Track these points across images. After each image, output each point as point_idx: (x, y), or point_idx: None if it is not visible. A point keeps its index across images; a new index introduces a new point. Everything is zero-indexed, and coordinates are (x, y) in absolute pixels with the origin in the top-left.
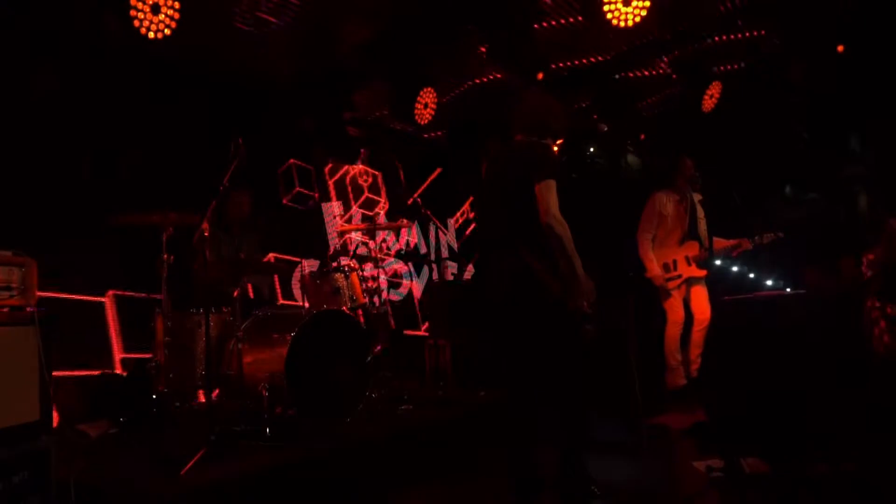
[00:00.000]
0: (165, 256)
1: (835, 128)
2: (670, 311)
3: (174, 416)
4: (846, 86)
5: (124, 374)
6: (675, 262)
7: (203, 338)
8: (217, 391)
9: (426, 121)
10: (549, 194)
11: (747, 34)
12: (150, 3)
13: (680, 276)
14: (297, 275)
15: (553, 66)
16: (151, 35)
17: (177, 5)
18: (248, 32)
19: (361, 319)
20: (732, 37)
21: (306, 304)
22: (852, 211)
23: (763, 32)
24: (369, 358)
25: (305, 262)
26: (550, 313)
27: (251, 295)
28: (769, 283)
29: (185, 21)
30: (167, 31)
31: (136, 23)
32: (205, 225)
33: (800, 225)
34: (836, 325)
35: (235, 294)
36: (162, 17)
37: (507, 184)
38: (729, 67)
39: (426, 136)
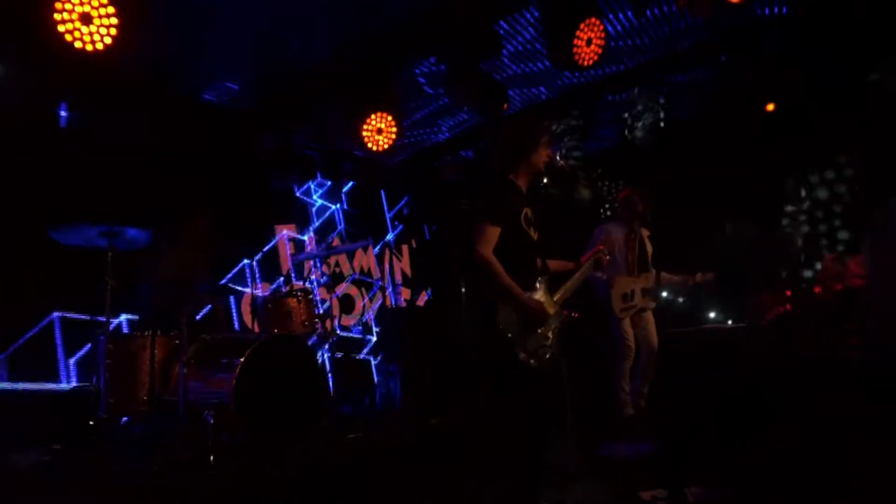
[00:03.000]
0: (109, 278)
1: (774, 168)
2: (621, 341)
3: (114, 442)
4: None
5: (65, 396)
6: (632, 292)
7: (147, 361)
8: (160, 417)
9: (383, 147)
10: (477, 235)
11: None
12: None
13: (635, 307)
14: (247, 298)
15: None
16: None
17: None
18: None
19: (314, 345)
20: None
21: (257, 329)
22: (789, 247)
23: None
24: (320, 383)
25: (256, 286)
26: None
27: (205, 318)
28: (712, 315)
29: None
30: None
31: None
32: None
33: (742, 259)
34: (773, 354)
35: (185, 317)
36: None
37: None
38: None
39: (385, 161)
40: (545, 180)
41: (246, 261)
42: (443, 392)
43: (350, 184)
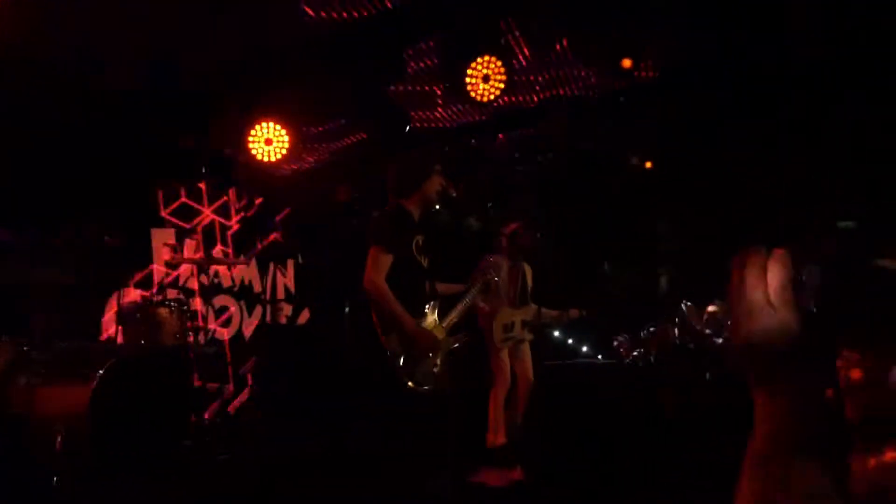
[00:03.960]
0: None
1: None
2: (498, 371)
3: None
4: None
5: None
6: (513, 323)
7: None
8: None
9: (273, 158)
10: (370, 260)
11: None
12: None
13: (514, 337)
14: (112, 304)
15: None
16: None
17: None
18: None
19: (184, 359)
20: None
21: (121, 339)
22: (657, 289)
23: None
24: (190, 401)
25: (125, 291)
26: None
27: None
28: (584, 349)
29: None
30: None
31: None
32: None
33: (616, 298)
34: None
35: (36, 322)
36: None
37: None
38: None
39: (277, 172)
40: (437, 207)
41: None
42: (318, 413)
43: (238, 192)
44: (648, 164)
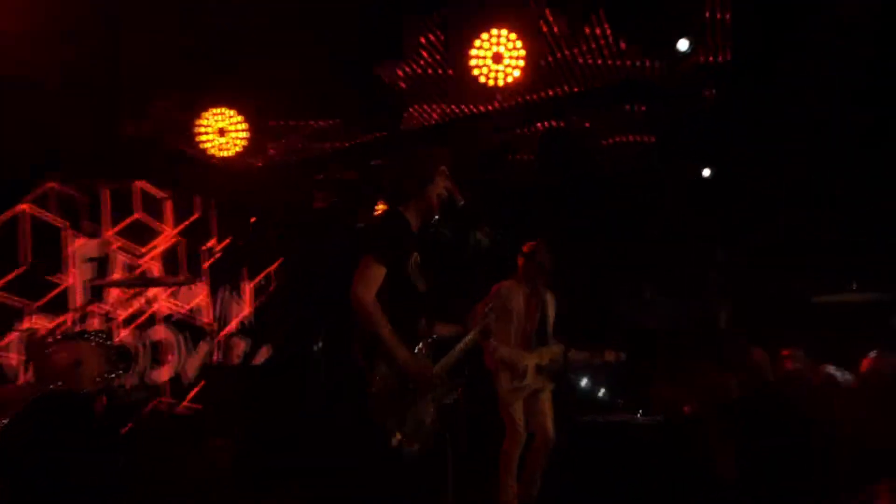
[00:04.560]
0: None
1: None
2: (510, 424)
3: None
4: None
5: None
6: (525, 369)
7: None
8: None
9: (228, 152)
10: (363, 270)
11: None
12: None
13: (527, 387)
14: (17, 335)
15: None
16: None
17: None
18: None
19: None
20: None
21: (30, 378)
22: (712, 323)
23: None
24: (113, 457)
25: (36, 320)
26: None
27: None
28: (619, 401)
29: None
30: None
31: None
32: None
33: (655, 332)
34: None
35: None
36: None
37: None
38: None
39: (236, 171)
40: (437, 217)
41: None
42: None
43: (185, 195)
44: (705, 172)
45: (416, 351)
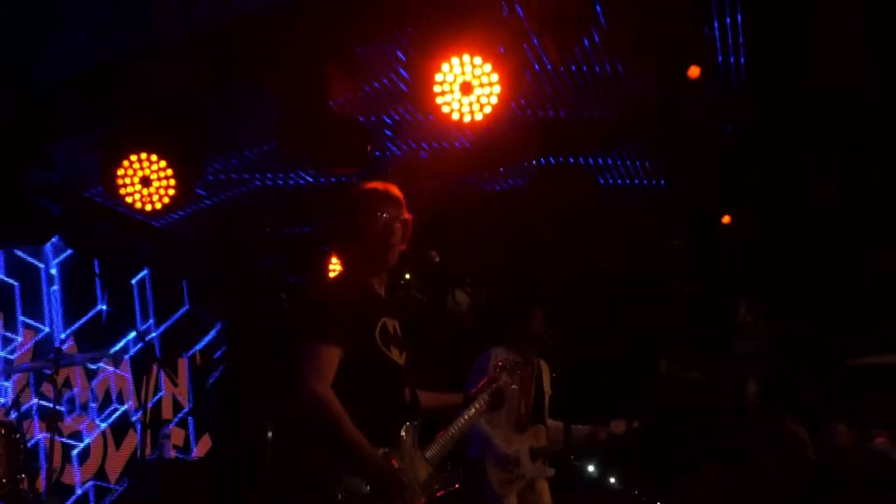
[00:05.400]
0: None
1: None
2: None
3: None
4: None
5: None
6: (517, 456)
7: None
8: None
9: (155, 206)
10: (303, 360)
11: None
12: None
13: (523, 477)
14: None
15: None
16: None
17: None
18: None
19: None
20: None
21: None
22: (739, 397)
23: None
24: None
25: None
26: None
27: None
28: (634, 491)
29: None
30: None
31: None
32: None
33: (675, 409)
34: None
35: None
36: None
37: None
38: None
39: (163, 227)
40: (407, 276)
41: None
42: None
43: (104, 257)
44: (726, 219)
45: (401, 433)
